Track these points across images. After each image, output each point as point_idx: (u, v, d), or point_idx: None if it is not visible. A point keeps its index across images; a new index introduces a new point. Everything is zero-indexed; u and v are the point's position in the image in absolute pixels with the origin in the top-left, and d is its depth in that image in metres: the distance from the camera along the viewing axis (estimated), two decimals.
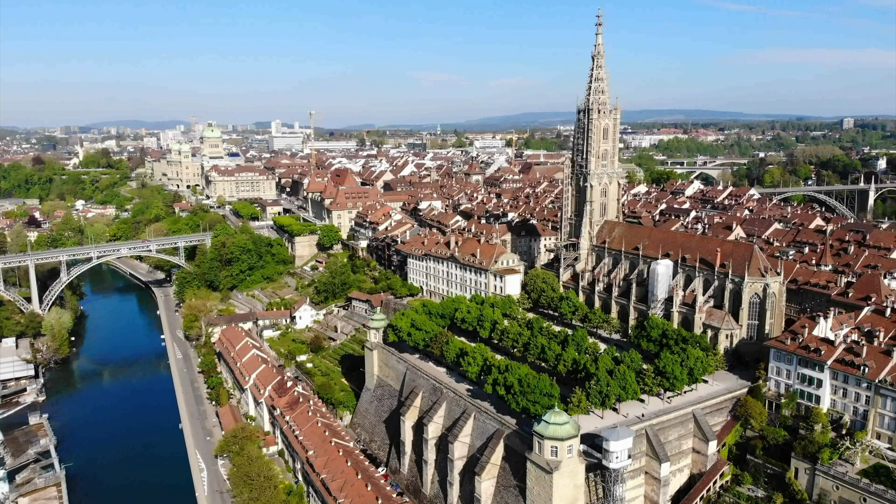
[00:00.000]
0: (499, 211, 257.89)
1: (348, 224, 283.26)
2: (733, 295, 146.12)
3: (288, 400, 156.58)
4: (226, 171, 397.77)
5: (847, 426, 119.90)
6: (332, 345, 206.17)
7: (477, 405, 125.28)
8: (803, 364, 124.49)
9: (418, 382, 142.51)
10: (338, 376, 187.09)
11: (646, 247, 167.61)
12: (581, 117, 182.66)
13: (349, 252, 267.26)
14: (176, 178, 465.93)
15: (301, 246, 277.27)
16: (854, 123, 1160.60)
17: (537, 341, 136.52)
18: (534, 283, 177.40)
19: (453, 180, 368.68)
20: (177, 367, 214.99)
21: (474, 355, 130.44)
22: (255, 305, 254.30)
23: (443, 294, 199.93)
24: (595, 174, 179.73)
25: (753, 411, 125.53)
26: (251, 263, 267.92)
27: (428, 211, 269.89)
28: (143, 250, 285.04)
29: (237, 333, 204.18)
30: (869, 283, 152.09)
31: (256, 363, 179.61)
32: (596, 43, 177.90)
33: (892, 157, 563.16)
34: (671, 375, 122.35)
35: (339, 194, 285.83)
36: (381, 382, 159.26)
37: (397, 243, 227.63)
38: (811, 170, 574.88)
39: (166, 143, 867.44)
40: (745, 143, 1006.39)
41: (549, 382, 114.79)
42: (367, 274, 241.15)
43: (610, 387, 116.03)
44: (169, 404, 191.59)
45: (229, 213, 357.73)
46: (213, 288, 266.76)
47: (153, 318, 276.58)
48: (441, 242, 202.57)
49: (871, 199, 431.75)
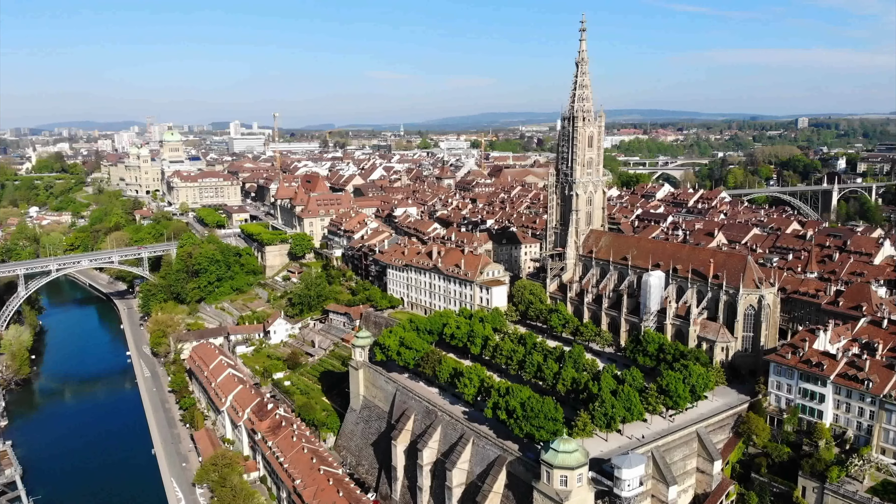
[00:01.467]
0: (476, 218, 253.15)
1: (321, 232, 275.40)
2: (728, 307, 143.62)
3: (270, 424, 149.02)
4: (189, 177, 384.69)
5: (851, 441, 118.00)
6: (310, 361, 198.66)
7: (475, 429, 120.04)
8: (805, 379, 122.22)
9: (409, 404, 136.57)
10: (318, 395, 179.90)
11: (634, 257, 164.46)
12: (566, 125, 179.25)
13: (323, 261, 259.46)
14: (135, 183, 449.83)
15: (272, 255, 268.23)
16: (808, 123, 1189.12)
17: (533, 359, 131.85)
18: (521, 294, 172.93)
19: (425, 184, 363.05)
20: (145, 386, 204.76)
21: (470, 376, 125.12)
22: (226, 319, 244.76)
23: (425, 306, 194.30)
24: (581, 183, 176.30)
25: (756, 428, 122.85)
26: (220, 274, 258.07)
27: (404, 218, 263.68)
28: (105, 262, 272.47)
29: (209, 350, 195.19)
30: (859, 292, 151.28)
31: (233, 383, 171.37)
32: (580, 49, 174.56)
33: (850, 156, 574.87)
34: (675, 394, 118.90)
35: (310, 201, 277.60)
36: (367, 403, 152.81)
37: (375, 253, 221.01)
38: (772, 170, 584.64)
39: (121, 146, 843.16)
40: (705, 143, 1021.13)
41: (553, 405, 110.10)
42: (344, 284, 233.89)
43: (615, 408, 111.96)
44: (139, 427, 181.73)
45: (193, 220, 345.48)
46: (179, 301, 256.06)
47: (116, 332, 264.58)
48: (423, 252, 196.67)
49: (835, 200, 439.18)
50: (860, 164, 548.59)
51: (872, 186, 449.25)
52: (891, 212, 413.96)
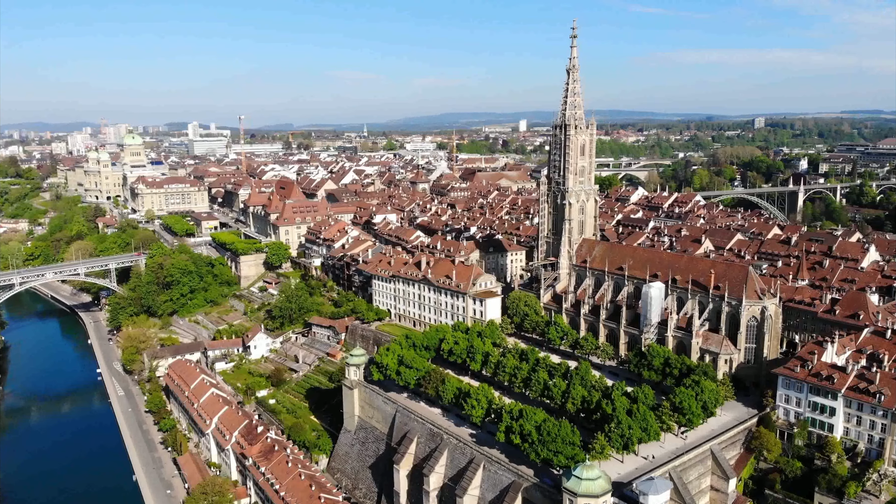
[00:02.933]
0: (459, 225, 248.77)
1: (297, 241, 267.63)
2: (730, 318, 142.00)
3: (261, 448, 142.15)
4: (154, 183, 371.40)
5: (862, 455, 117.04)
6: (294, 377, 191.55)
7: (486, 453, 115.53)
8: (815, 392, 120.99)
9: (411, 426, 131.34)
10: (305, 413, 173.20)
11: (630, 267, 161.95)
12: (557, 133, 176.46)
13: (301, 271, 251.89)
14: (94, 188, 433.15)
15: (247, 265, 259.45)
16: (765, 123, 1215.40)
17: (539, 376, 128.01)
18: (515, 306, 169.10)
19: (400, 189, 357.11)
20: (119, 406, 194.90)
21: (478, 397, 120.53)
22: (201, 333, 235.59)
23: (414, 318, 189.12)
24: (573, 191, 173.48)
25: (768, 443, 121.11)
26: (192, 286, 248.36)
27: (384, 225, 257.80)
28: (70, 274, 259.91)
29: (189, 368, 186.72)
30: (855, 301, 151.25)
31: (217, 404, 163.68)
32: (571, 56, 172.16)
33: (812, 157, 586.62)
34: (688, 411, 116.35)
35: (285, 209, 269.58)
36: (363, 424, 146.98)
37: (359, 263, 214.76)
38: (735, 170, 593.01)
39: (76, 148, 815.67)
40: (665, 143, 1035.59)
41: (570, 429, 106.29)
42: (325, 296, 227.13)
43: (632, 429, 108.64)
44: (117, 451, 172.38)
45: (160, 228, 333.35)
46: (150, 314, 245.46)
47: (83, 347, 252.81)
48: (410, 263, 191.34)
49: (801, 201, 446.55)
50: (822, 164, 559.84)
51: (837, 187, 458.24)
52: (855, 212, 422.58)
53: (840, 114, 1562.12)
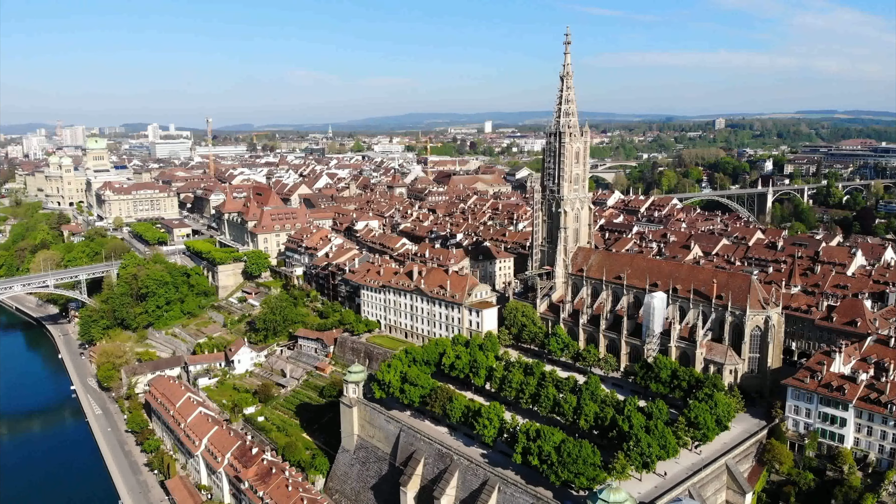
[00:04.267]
0: (445, 231, 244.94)
1: (276, 249, 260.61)
2: (733, 328, 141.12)
3: (257, 470, 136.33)
4: (122, 189, 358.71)
5: (874, 465, 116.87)
6: (282, 392, 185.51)
7: (500, 475, 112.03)
8: (825, 403, 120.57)
9: (418, 446, 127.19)
10: (297, 431, 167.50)
11: (629, 276, 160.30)
12: (552, 140, 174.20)
13: (282, 281, 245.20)
14: (56, 194, 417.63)
15: (225, 275, 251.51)
16: (725, 124, 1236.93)
17: (548, 392, 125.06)
18: (513, 316, 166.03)
19: (377, 194, 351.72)
20: (98, 426, 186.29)
21: (489, 416, 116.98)
22: (179, 346, 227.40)
23: (406, 329, 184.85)
24: (568, 199, 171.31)
25: (781, 455, 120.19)
26: (169, 297, 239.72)
27: (366, 232, 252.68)
28: (39, 286, 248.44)
29: (173, 386, 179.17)
30: (852, 307, 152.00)
31: (206, 423, 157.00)
32: (564, 63, 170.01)
33: (777, 158, 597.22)
34: (703, 426, 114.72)
35: (263, 216, 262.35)
36: (363, 443, 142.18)
37: (345, 272, 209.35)
38: (701, 172, 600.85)
39: (32, 152, 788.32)
40: (629, 145, 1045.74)
41: (590, 449, 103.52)
42: (309, 306, 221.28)
43: (651, 447, 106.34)
44: (98, 474, 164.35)
45: (129, 236, 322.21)
46: (125, 327, 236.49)
47: (54, 362, 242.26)
48: (401, 273, 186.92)
49: (769, 202, 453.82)
50: (787, 165, 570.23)
51: (804, 189, 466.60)
52: (823, 213, 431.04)
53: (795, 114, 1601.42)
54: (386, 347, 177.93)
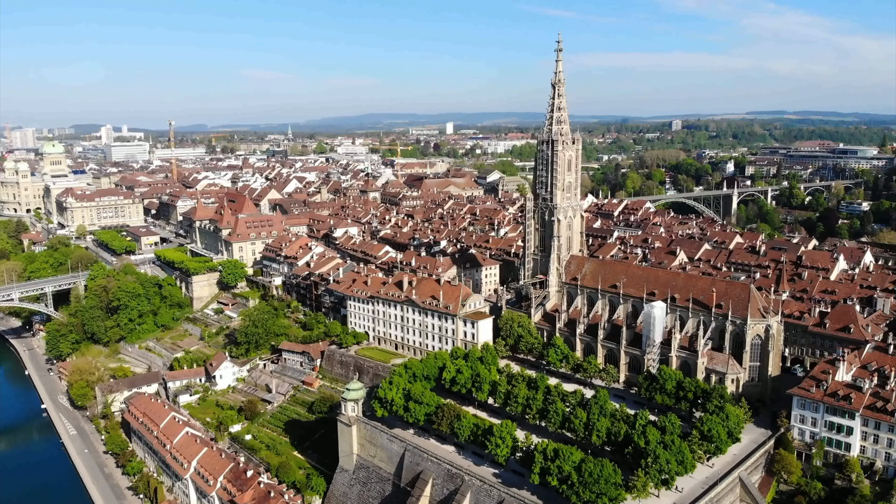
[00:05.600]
0: (428, 238, 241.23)
1: (252, 258, 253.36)
2: (734, 337, 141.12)
3: (254, 495, 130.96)
4: (84, 196, 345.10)
5: (880, 472, 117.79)
6: (268, 409, 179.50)
7: (516, 496, 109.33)
8: (832, 412, 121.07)
9: (425, 466, 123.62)
10: (287, 449, 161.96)
11: (625, 285, 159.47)
12: (543, 148, 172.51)
13: (260, 291, 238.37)
14: (12, 201, 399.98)
15: (199, 286, 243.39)
16: (682, 125, 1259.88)
17: (557, 407, 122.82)
18: (509, 327, 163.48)
19: (350, 198, 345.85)
20: (74, 447, 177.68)
21: (502, 435, 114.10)
22: (154, 361, 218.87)
23: (395, 341, 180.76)
24: (561, 208, 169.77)
25: (791, 465, 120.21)
26: (141, 310, 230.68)
27: (346, 239, 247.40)
28: (4, 300, 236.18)
29: (154, 404, 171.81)
30: (844, 314, 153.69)
31: (194, 444, 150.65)
32: (556, 70, 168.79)
33: (738, 160, 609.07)
34: (717, 439, 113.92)
35: (238, 223, 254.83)
36: (363, 463, 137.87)
37: (329, 282, 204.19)
38: (663, 173, 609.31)
39: None
40: (590, 146, 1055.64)
41: (611, 468, 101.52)
42: (291, 317, 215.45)
43: (670, 464, 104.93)
44: (78, 498, 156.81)
45: (93, 245, 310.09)
46: (95, 341, 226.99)
47: (19, 378, 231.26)
48: (391, 283, 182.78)
49: (735, 204, 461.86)
50: (748, 167, 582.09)
51: (767, 190, 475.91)
52: (786, 214, 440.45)
53: (746, 115, 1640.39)
54: (377, 360, 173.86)
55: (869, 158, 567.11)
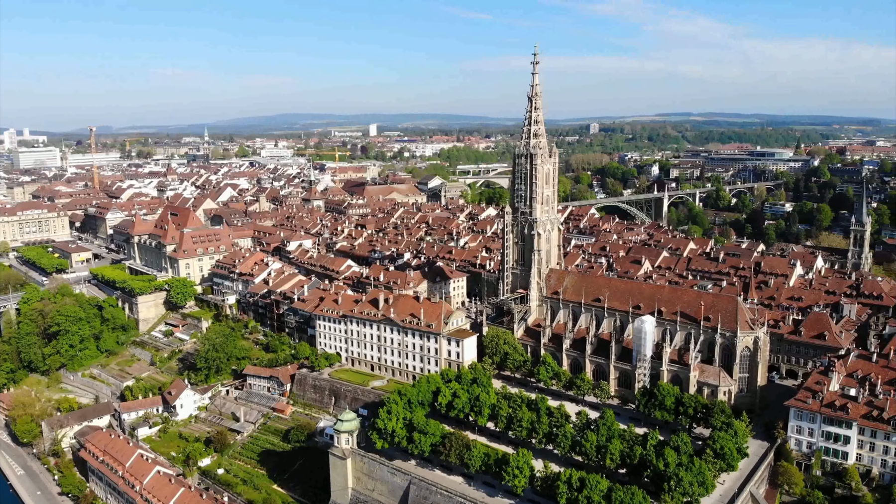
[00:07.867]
0: (390, 251, 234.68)
1: (199, 274, 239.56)
2: (723, 349, 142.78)
3: None
4: (5, 210, 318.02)
5: (877, 479, 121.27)
6: (238, 439, 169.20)
7: None
8: (828, 422, 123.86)
9: (434, 500, 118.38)
10: (265, 482, 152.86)
11: (609, 298, 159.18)
12: (522, 162, 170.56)
13: (212, 311, 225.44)
14: None
15: (145, 307, 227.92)
16: (599, 128, 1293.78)
17: (566, 430, 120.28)
18: (494, 344, 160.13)
19: (293, 207, 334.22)
20: (24, 489, 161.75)
21: (518, 465, 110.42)
22: (101, 390, 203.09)
23: (371, 362, 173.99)
24: (541, 222, 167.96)
25: (794, 477, 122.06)
26: (83, 335, 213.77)
27: (301, 253, 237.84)
28: None
29: (114, 441, 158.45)
30: (818, 321, 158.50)
31: (168, 485, 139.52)
32: (532, 83, 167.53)
33: (662, 164, 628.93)
34: (729, 456, 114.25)
35: (184, 239, 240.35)
36: (359, 497, 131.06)
37: (293, 301, 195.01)
38: (590, 177, 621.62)
39: None
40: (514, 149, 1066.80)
41: (641, 496, 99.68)
42: (250, 339, 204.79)
43: (692, 486, 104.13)
44: None
45: (17, 262, 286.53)
46: (31, 370, 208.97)
47: None
48: (365, 301, 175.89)
49: (665, 206, 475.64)
50: (672, 170, 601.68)
51: (696, 193, 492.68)
52: (714, 216, 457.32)
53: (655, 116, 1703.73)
54: (355, 383, 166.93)
55: (786, 160, 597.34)
